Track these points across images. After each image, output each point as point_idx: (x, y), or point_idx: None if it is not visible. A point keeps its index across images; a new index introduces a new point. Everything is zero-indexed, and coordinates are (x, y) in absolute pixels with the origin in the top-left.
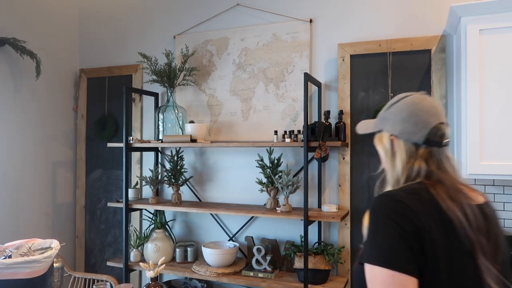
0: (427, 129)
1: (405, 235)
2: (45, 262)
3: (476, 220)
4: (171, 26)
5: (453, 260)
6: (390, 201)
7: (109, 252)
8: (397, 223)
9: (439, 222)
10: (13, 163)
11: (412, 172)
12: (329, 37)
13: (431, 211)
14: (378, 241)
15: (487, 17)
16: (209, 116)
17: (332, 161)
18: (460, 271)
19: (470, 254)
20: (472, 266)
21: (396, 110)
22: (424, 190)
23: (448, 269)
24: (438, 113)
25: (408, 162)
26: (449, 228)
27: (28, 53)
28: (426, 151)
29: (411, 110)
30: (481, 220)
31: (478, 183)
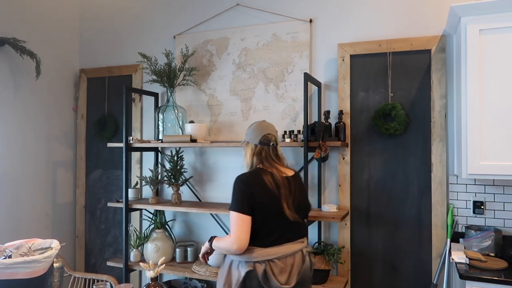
0: (260, 136)
1: (245, 194)
2: (45, 262)
3: (283, 183)
4: (171, 26)
5: (268, 204)
6: (241, 177)
7: (109, 252)
8: (242, 188)
9: (261, 186)
10: (13, 163)
11: (253, 161)
12: (329, 37)
13: (258, 181)
14: (234, 197)
15: (487, 17)
16: (209, 116)
17: (332, 161)
18: (272, 208)
19: (277, 200)
20: (279, 206)
21: (250, 128)
22: (258, 171)
23: (265, 209)
24: (269, 129)
25: (252, 155)
26: (266, 189)
27: (28, 53)
28: (259, 148)
29: (254, 127)
30: (286, 183)
31: (478, 183)
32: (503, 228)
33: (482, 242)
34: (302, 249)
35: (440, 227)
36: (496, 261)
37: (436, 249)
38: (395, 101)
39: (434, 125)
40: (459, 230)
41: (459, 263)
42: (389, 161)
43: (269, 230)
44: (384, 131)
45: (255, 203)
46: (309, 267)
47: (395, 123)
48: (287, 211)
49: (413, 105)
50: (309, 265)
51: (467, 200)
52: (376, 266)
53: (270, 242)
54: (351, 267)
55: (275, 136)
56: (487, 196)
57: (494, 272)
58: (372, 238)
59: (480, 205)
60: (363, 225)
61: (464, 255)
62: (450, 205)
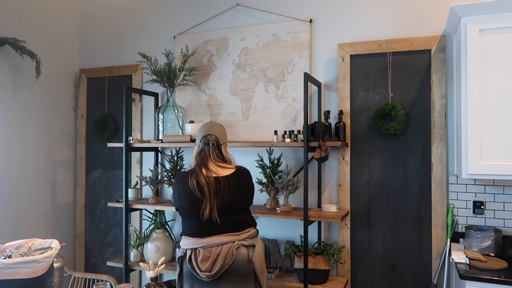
0: (201, 136)
1: (180, 190)
2: (45, 262)
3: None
4: (171, 26)
5: (189, 201)
6: (177, 176)
7: (109, 252)
8: (175, 185)
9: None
10: (13, 163)
11: (195, 161)
12: (329, 37)
13: (185, 181)
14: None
15: (487, 17)
16: (209, 116)
17: (332, 161)
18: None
19: (197, 199)
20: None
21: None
22: (190, 171)
23: (187, 205)
24: (210, 129)
25: (195, 156)
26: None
27: (28, 53)
28: (201, 148)
29: (200, 129)
30: (214, 184)
31: (478, 183)
32: (503, 228)
33: (482, 242)
34: (235, 241)
35: (440, 227)
36: (496, 261)
37: (436, 249)
38: (395, 101)
39: (434, 125)
40: (459, 230)
41: (459, 263)
42: (389, 161)
43: (191, 223)
44: (384, 131)
45: (181, 199)
46: (243, 259)
47: (395, 123)
48: (207, 209)
49: (413, 105)
50: (242, 258)
51: (467, 200)
52: (376, 266)
53: (193, 233)
54: (351, 267)
55: (216, 136)
56: (487, 196)
57: (494, 272)
58: (372, 238)
59: (480, 205)
60: (363, 225)
61: (464, 255)
62: (450, 205)
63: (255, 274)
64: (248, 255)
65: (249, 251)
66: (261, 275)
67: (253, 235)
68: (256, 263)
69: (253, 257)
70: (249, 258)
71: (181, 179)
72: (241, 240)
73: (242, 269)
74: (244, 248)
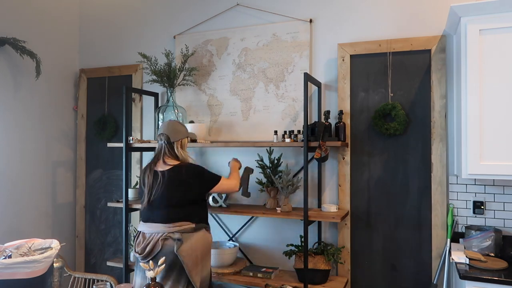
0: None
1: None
2: (45, 262)
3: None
4: (171, 26)
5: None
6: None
7: (109, 252)
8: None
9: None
10: (13, 163)
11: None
12: (329, 37)
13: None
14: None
15: (487, 17)
16: (209, 116)
17: (332, 161)
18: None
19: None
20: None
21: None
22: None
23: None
24: (162, 129)
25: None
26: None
27: (28, 53)
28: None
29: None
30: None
31: (478, 183)
32: (503, 228)
33: (482, 242)
34: (164, 232)
35: (440, 227)
36: (496, 261)
37: (436, 249)
38: (395, 101)
39: (434, 125)
40: (459, 230)
41: (459, 263)
42: (389, 161)
43: (141, 209)
44: (384, 131)
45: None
46: (169, 251)
47: (395, 123)
48: (145, 200)
49: (413, 105)
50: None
51: (467, 200)
52: (376, 266)
53: (142, 218)
54: (351, 267)
55: (168, 135)
56: (487, 196)
57: (494, 272)
58: (372, 238)
59: (480, 205)
60: (363, 225)
61: (464, 255)
62: (450, 205)
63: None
64: (174, 248)
65: (175, 244)
66: (190, 270)
67: (187, 230)
68: (184, 256)
69: (179, 250)
70: (174, 250)
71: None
72: (171, 232)
73: (170, 260)
74: (172, 241)
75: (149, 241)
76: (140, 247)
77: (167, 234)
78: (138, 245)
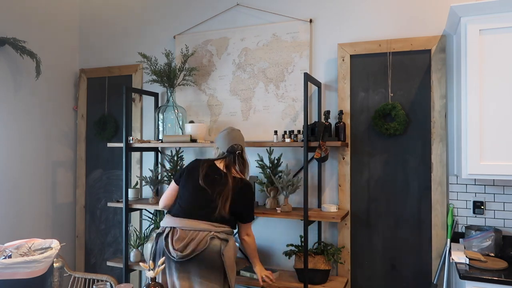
0: (227, 145)
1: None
2: (45, 262)
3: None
4: (171, 26)
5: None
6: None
7: (109, 252)
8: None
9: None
10: (13, 163)
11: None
12: (329, 37)
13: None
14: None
15: (487, 17)
16: (209, 116)
17: (332, 161)
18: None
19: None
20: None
21: (219, 136)
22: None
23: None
24: (236, 139)
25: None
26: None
27: (28, 53)
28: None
29: (224, 136)
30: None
31: (478, 183)
32: (503, 228)
33: (482, 242)
34: (211, 231)
35: (440, 227)
36: (496, 261)
37: (436, 249)
38: (395, 101)
39: (434, 125)
40: (459, 230)
41: (459, 263)
42: (389, 161)
43: (182, 203)
44: (384, 131)
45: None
46: (214, 250)
47: (395, 123)
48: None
49: (413, 105)
50: (214, 248)
51: (467, 200)
52: (376, 266)
53: (178, 214)
54: (351, 267)
55: (242, 146)
56: (487, 196)
57: (494, 272)
58: (372, 238)
59: (480, 205)
60: (363, 225)
61: (464, 255)
62: (450, 205)
63: (224, 269)
64: (220, 247)
65: (222, 244)
66: (229, 271)
67: (229, 232)
68: (226, 257)
69: (224, 250)
70: (220, 250)
71: (197, 162)
72: (217, 232)
73: (212, 259)
74: (218, 240)
75: (191, 238)
76: (180, 245)
77: (214, 233)
78: (177, 242)
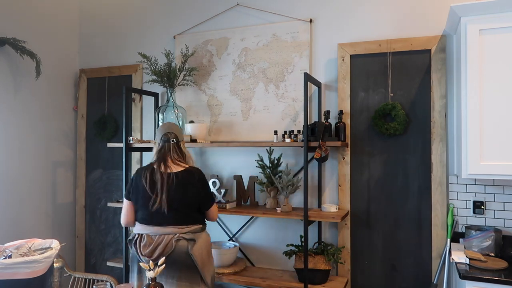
0: (161, 134)
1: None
2: (45, 262)
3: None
4: (171, 26)
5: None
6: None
7: (109, 252)
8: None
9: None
10: (13, 163)
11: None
12: (329, 37)
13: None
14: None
15: (487, 17)
16: (209, 116)
17: (332, 161)
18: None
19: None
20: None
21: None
22: (149, 166)
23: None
24: (169, 128)
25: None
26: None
27: (28, 53)
28: (161, 145)
29: (159, 128)
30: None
31: (478, 183)
32: (503, 228)
33: (482, 242)
34: (176, 233)
35: (440, 227)
36: (496, 261)
37: (436, 249)
38: (395, 101)
39: (434, 125)
40: (459, 230)
41: (459, 263)
42: (389, 161)
43: (143, 213)
44: (384, 131)
45: (137, 191)
46: (182, 251)
47: (395, 123)
48: (157, 202)
49: (413, 105)
50: (182, 249)
51: (467, 200)
52: (376, 266)
53: (144, 221)
54: (351, 267)
55: (176, 134)
56: (487, 196)
57: (494, 272)
58: (372, 238)
59: (480, 205)
60: (363, 225)
61: (464, 255)
62: (450, 205)
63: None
64: (187, 248)
65: (188, 244)
66: (202, 268)
67: (197, 230)
68: (196, 256)
69: (192, 250)
70: (187, 250)
71: (138, 173)
72: (183, 233)
73: (181, 261)
74: (184, 241)
75: (158, 243)
76: (148, 250)
77: (180, 235)
78: (144, 248)
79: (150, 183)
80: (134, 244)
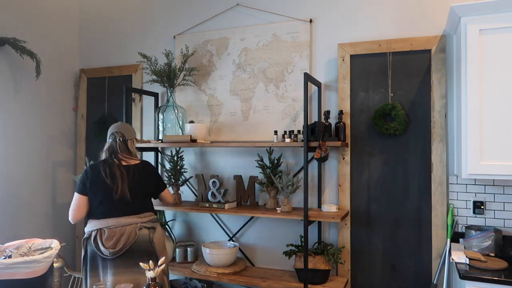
0: (110, 133)
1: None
2: (45, 262)
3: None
4: (171, 26)
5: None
6: (92, 164)
7: None
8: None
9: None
10: (13, 163)
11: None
12: (329, 37)
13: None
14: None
15: (487, 17)
16: (209, 116)
17: (332, 161)
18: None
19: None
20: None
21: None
22: (103, 161)
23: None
24: (117, 128)
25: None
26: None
27: (28, 53)
28: (110, 143)
29: (110, 128)
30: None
31: (478, 183)
32: (503, 228)
33: (482, 242)
34: (138, 223)
35: (440, 227)
36: (496, 261)
37: (436, 249)
38: (395, 101)
39: (434, 125)
40: (459, 230)
41: (459, 263)
42: (389, 161)
43: (103, 206)
44: (384, 131)
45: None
46: (144, 240)
47: (395, 123)
48: (118, 191)
49: (413, 105)
50: (144, 238)
51: (467, 200)
52: (376, 266)
53: (101, 215)
54: (351, 267)
55: (123, 133)
56: (487, 196)
57: (494, 272)
58: (372, 238)
59: (480, 205)
60: (363, 225)
61: (464, 255)
62: (450, 205)
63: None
64: (149, 236)
65: (150, 233)
66: (160, 255)
67: (154, 219)
68: (156, 243)
69: (154, 238)
70: (150, 239)
71: (94, 168)
72: (144, 222)
73: (143, 248)
74: (146, 229)
75: (120, 234)
76: (111, 242)
77: (141, 224)
78: (107, 241)
79: (111, 175)
80: (94, 240)
